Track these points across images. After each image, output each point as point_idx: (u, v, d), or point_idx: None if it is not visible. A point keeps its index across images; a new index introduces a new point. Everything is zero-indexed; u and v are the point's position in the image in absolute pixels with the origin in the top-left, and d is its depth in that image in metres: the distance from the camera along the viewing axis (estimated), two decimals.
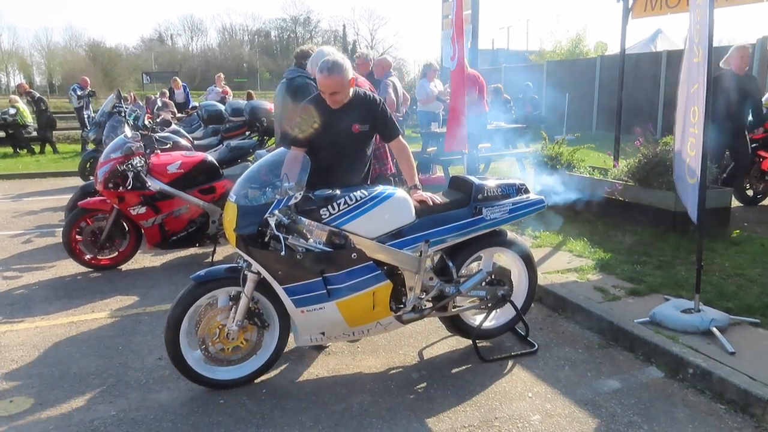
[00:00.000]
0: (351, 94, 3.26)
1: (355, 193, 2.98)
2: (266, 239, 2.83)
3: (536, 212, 3.48)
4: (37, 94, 14.18)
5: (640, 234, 5.37)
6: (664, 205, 5.33)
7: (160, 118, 7.60)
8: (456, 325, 3.48)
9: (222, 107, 8.39)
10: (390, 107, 6.26)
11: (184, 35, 69.43)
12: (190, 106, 13.48)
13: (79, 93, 13.36)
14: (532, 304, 3.74)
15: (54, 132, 14.18)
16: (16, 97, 13.97)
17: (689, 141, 3.67)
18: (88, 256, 5.03)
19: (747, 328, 3.50)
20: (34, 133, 13.63)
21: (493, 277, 3.41)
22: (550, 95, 18.00)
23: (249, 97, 13.48)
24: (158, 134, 5.87)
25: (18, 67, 56.26)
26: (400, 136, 3.45)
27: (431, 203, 3.20)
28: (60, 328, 3.87)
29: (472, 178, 3.38)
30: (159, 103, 11.11)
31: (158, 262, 5.40)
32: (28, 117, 13.62)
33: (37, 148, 13.62)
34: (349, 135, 3.30)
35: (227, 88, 13.54)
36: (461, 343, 3.58)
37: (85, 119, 13.01)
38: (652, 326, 3.52)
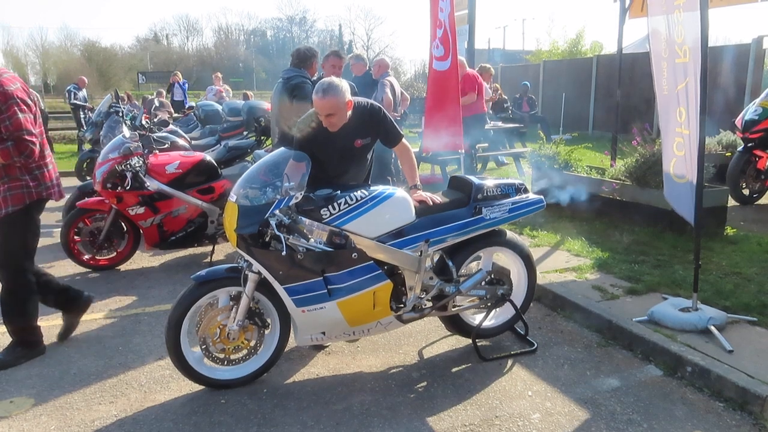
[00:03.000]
0: (350, 113, 3.19)
1: (355, 193, 2.99)
2: (267, 239, 2.84)
3: (535, 212, 3.50)
4: (35, 93, 14.14)
5: (637, 233, 5.40)
6: (661, 204, 5.34)
7: (158, 118, 7.59)
8: (456, 325, 3.49)
9: (219, 107, 8.39)
10: (387, 107, 6.28)
11: (180, 35, 69.30)
12: (186, 106, 13.44)
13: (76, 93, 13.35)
14: (531, 304, 3.76)
15: (50, 132, 14.13)
16: None
17: (675, 141, 3.70)
18: (86, 257, 5.02)
19: (744, 326, 3.53)
20: None
21: (492, 276, 3.43)
22: (547, 95, 18.04)
23: (245, 97, 13.45)
24: (156, 134, 5.87)
25: (12, 67, 55.94)
26: (403, 139, 3.46)
27: (431, 203, 3.21)
28: (59, 328, 3.85)
29: (471, 177, 3.39)
30: (156, 103, 11.10)
31: (157, 262, 5.39)
32: None
33: None
34: (352, 150, 3.31)
35: (222, 87, 13.50)
36: (461, 342, 3.59)
37: (82, 119, 12.98)
38: (650, 325, 3.54)
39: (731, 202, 6.16)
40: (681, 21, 3.49)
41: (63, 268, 5.13)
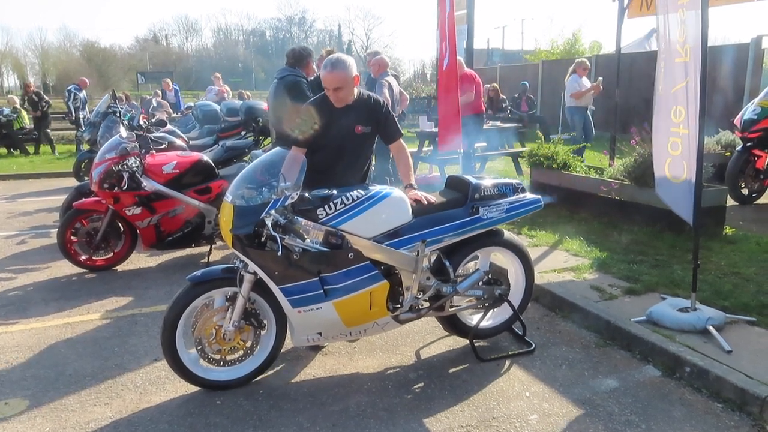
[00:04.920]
0: (355, 94, 3.26)
1: (351, 192, 2.97)
2: (263, 239, 2.82)
3: (533, 211, 3.48)
4: (44, 96, 14.11)
5: (636, 233, 5.38)
6: (659, 203, 5.30)
7: (156, 118, 7.57)
8: (453, 325, 3.48)
9: (217, 107, 8.36)
10: None
11: (179, 35, 69.39)
12: (183, 108, 13.42)
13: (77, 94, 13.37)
14: (529, 304, 3.74)
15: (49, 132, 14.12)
16: (15, 98, 13.95)
17: (671, 141, 3.68)
18: (83, 257, 5.00)
19: (743, 326, 3.51)
20: (34, 134, 13.62)
21: (490, 276, 3.41)
22: (546, 94, 18.02)
23: (241, 96, 13.41)
24: (153, 134, 5.85)
25: (12, 68, 55.96)
26: (400, 139, 3.46)
27: (426, 202, 3.20)
28: (55, 329, 3.85)
29: (468, 177, 3.38)
30: (154, 103, 11.08)
31: (154, 262, 5.38)
32: (26, 120, 13.63)
33: (31, 149, 13.56)
34: (352, 136, 3.31)
35: (225, 87, 13.47)
36: (458, 342, 3.57)
37: (81, 119, 12.98)
38: (648, 325, 3.52)
39: (730, 201, 6.14)
40: (684, 20, 3.46)
41: (60, 269, 5.11)
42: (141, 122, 6.03)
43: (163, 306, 3.80)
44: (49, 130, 13.73)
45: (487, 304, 3.43)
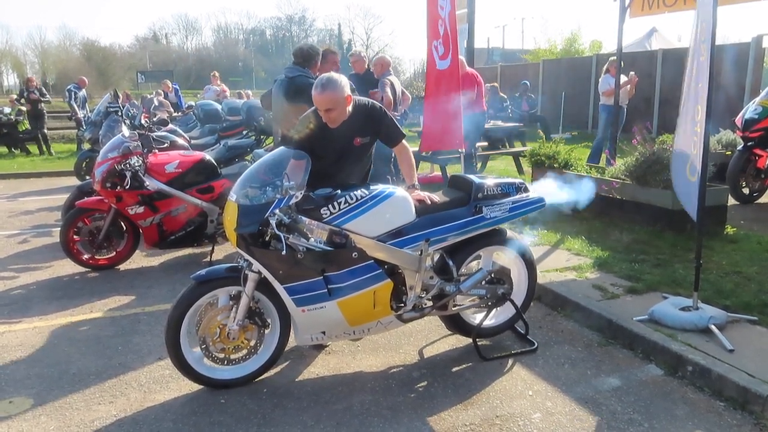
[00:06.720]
0: (349, 110, 3.21)
1: (355, 192, 2.98)
2: (267, 238, 2.83)
3: (536, 211, 3.49)
4: (46, 93, 14.06)
5: (637, 232, 5.40)
6: (661, 203, 5.35)
7: (157, 117, 7.57)
8: (456, 324, 3.49)
9: (219, 106, 8.38)
10: (387, 106, 6.27)
11: (179, 34, 69.36)
12: (184, 107, 13.43)
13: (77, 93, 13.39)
14: (532, 303, 3.75)
15: (48, 131, 14.11)
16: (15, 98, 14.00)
17: (693, 139, 3.68)
18: (85, 256, 5.01)
19: (745, 325, 3.52)
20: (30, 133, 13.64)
21: (492, 275, 3.42)
22: (547, 94, 18.03)
23: (240, 96, 13.43)
24: (156, 133, 5.86)
25: (11, 66, 55.89)
26: (403, 140, 3.45)
27: (429, 202, 3.20)
28: (58, 328, 3.85)
29: (471, 177, 3.39)
30: (155, 102, 11.09)
31: (156, 261, 5.38)
32: (26, 122, 13.67)
33: (32, 148, 13.57)
34: (351, 148, 3.30)
35: (223, 87, 13.46)
36: (461, 341, 3.58)
37: (81, 119, 12.99)
38: (651, 324, 3.53)
39: (731, 201, 6.15)
40: (704, 19, 3.46)
41: (62, 268, 5.12)
42: (143, 121, 6.04)
43: (166, 305, 3.82)
44: (45, 131, 13.66)
45: (490, 303, 3.44)
